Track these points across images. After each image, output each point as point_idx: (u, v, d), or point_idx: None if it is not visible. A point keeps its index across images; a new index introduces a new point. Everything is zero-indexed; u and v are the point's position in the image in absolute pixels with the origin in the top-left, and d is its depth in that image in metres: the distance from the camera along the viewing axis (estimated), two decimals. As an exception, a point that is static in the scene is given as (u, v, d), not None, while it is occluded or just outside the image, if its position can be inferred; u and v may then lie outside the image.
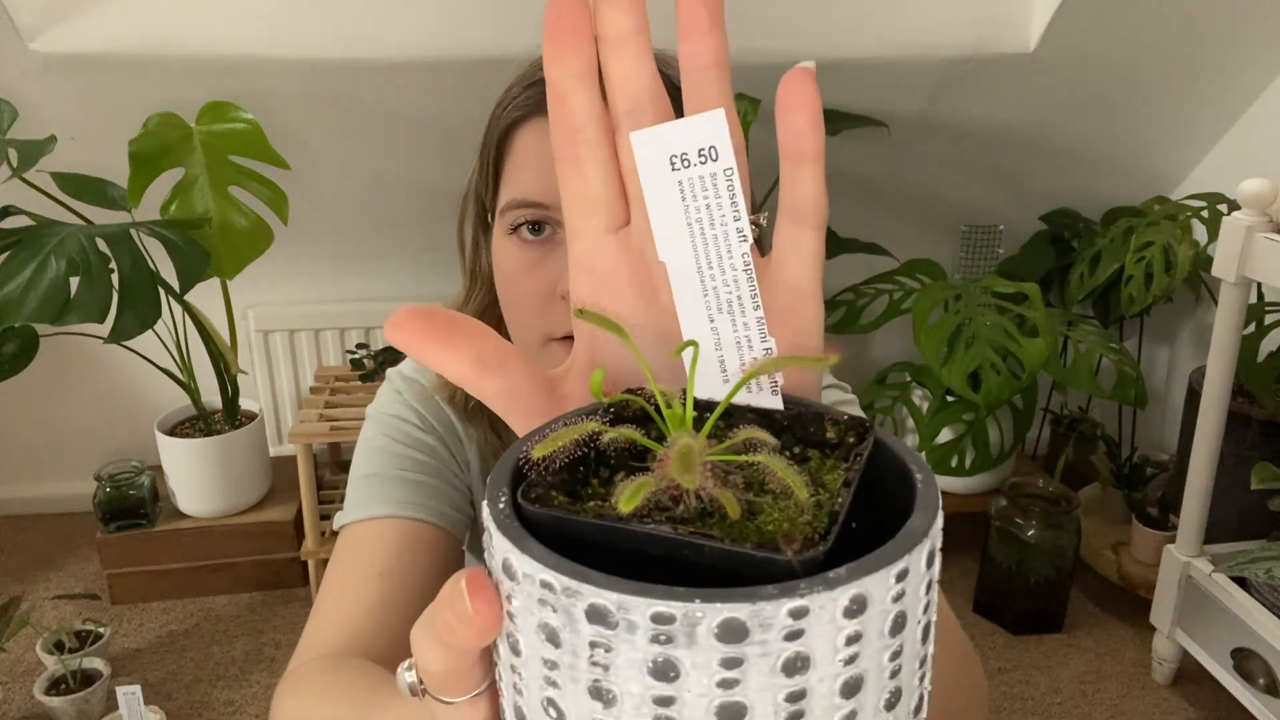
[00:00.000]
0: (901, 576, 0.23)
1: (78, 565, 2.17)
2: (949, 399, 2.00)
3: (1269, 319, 1.85)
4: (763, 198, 1.86)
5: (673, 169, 0.27)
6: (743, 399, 0.29)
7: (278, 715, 0.60)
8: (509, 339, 0.68)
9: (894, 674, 0.23)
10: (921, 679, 0.25)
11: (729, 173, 0.27)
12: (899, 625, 0.23)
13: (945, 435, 2.04)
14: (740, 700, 0.22)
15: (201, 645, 1.91)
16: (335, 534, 1.70)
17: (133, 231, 1.69)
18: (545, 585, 0.22)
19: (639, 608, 0.21)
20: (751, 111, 1.79)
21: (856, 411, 0.75)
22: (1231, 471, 1.80)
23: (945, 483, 2.16)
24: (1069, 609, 2.01)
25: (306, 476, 1.92)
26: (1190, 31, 1.88)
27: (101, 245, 1.62)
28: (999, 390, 1.79)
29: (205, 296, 1.92)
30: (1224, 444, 1.64)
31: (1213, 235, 1.94)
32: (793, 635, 0.21)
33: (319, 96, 1.82)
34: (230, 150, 1.79)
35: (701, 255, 0.28)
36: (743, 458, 0.26)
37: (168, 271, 1.73)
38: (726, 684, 0.21)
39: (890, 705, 0.24)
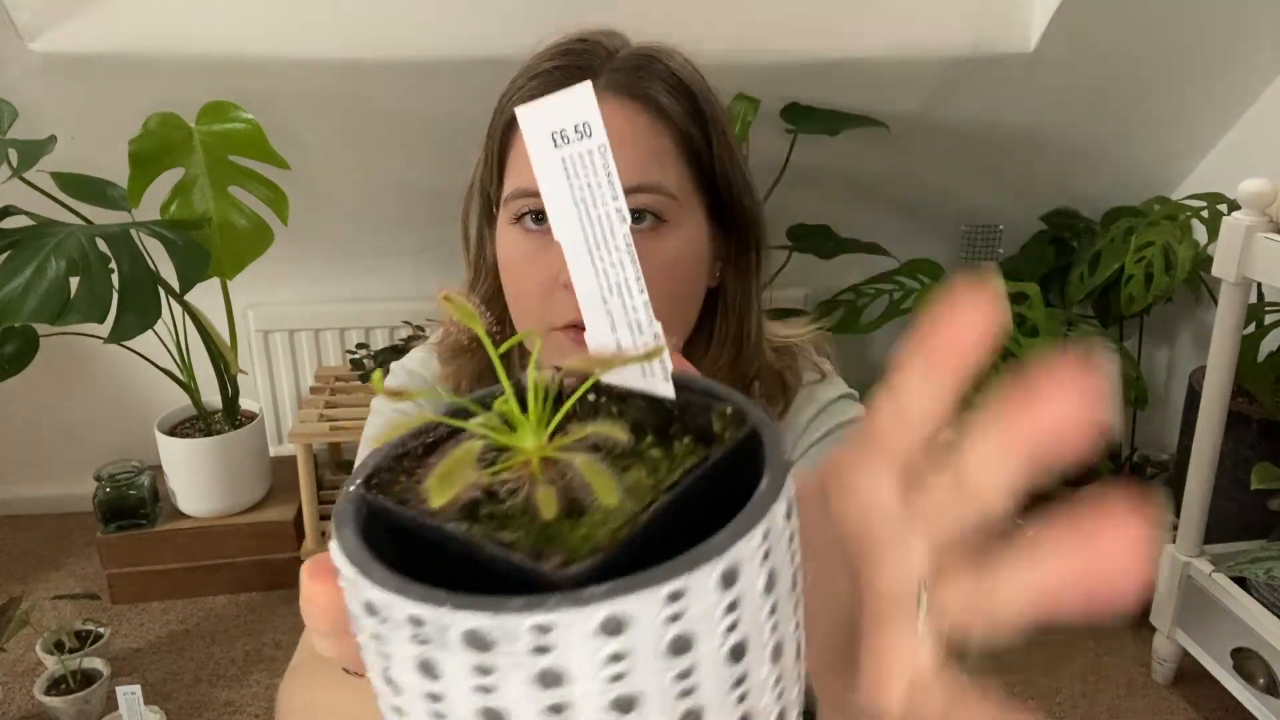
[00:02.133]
0: (676, 597, 0.21)
1: (78, 565, 2.17)
2: (949, 399, 2.00)
3: (1269, 319, 1.85)
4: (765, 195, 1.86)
5: (554, 145, 0.27)
6: (638, 384, 0.28)
7: (289, 707, 0.58)
8: (513, 330, 0.68)
9: (685, 693, 0.22)
10: (741, 699, 0.23)
11: (603, 149, 0.27)
12: (681, 645, 0.21)
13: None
14: (498, 706, 0.21)
15: (201, 645, 1.91)
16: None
17: (133, 231, 1.69)
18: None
19: (398, 607, 0.21)
20: (751, 111, 1.79)
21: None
22: (1231, 471, 1.80)
23: (945, 483, 2.16)
24: (1069, 609, 2.01)
25: (306, 476, 1.92)
26: (1190, 31, 1.88)
27: (101, 245, 1.62)
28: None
29: (205, 296, 1.92)
30: (1224, 444, 1.64)
31: (1213, 235, 1.94)
32: (540, 649, 0.20)
33: (319, 96, 1.82)
34: (230, 150, 1.79)
35: (590, 234, 0.28)
36: (566, 456, 0.24)
37: (168, 271, 1.73)
38: (484, 689, 0.21)
39: None
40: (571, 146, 0.27)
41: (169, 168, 1.78)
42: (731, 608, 0.22)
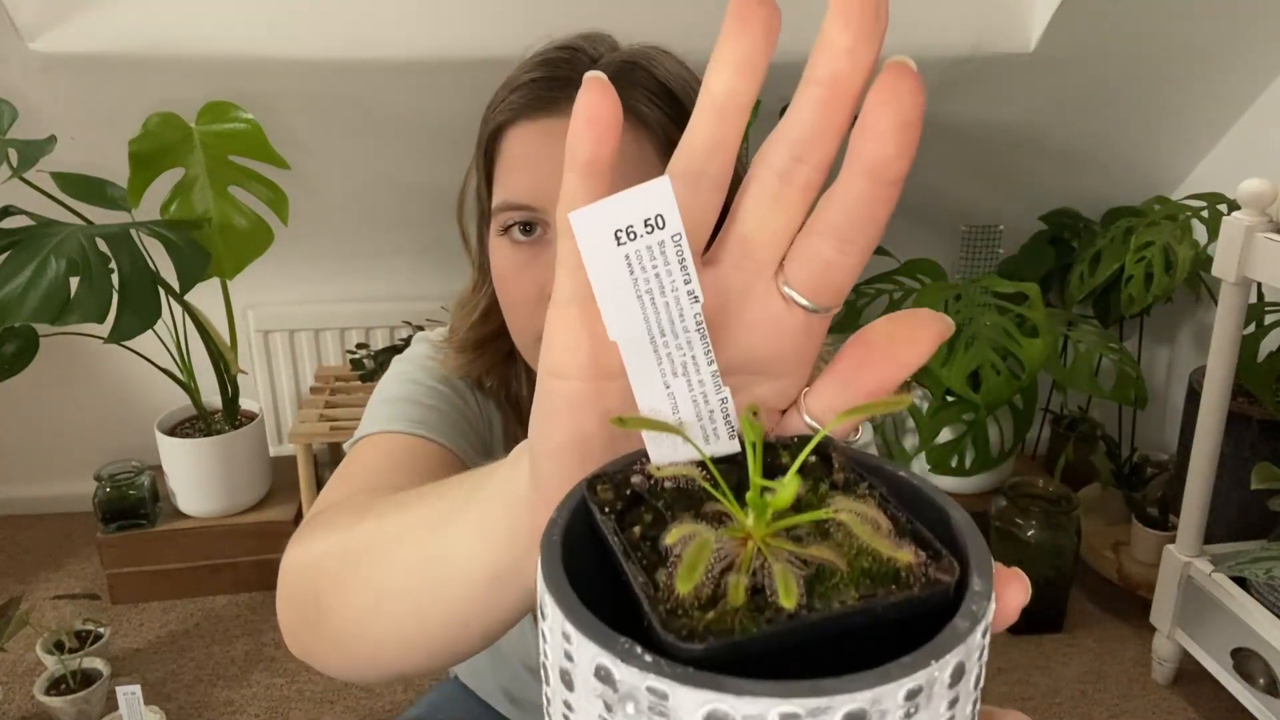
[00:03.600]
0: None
1: (78, 565, 2.17)
2: (949, 399, 2.00)
3: (1269, 319, 1.85)
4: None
5: (618, 244, 0.26)
6: (722, 450, 0.29)
7: (298, 549, 0.52)
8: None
9: None
10: None
11: (677, 238, 0.26)
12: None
13: (945, 435, 2.04)
14: None
15: (201, 645, 1.91)
16: None
17: (133, 231, 1.69)
18: (787, 717, 0.20)
19: (892, 694, 0.21)
20: (751, 111, 1.79)
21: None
22: (1231, 471, 1.80)
23: (945, 483, 2.16)
24: (1069, 609, 2.01)
25: (306, 476, 1.92)
26: (1190, 32, 1.88)
27: (101, 245, 1.62)
28: (999, 390, 1.79)
29: (205, 296, 1.92)
30: (1224, 444, 1.64)
31: (1213, 235, 1.94)
32: (981, 653, 0.23)
33: (319, 96, 1.82)
34: (230, 150, 1.79)
35: (653, 324, 0.28)
36: (812, 516, 0.26)
37: (168, 271, 1.73)
38: None
39: None
40: (639, 241, 0.26)
41: (169, 168, 1.78)
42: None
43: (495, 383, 0.76)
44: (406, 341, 2.07)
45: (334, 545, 0.47)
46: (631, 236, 0.26)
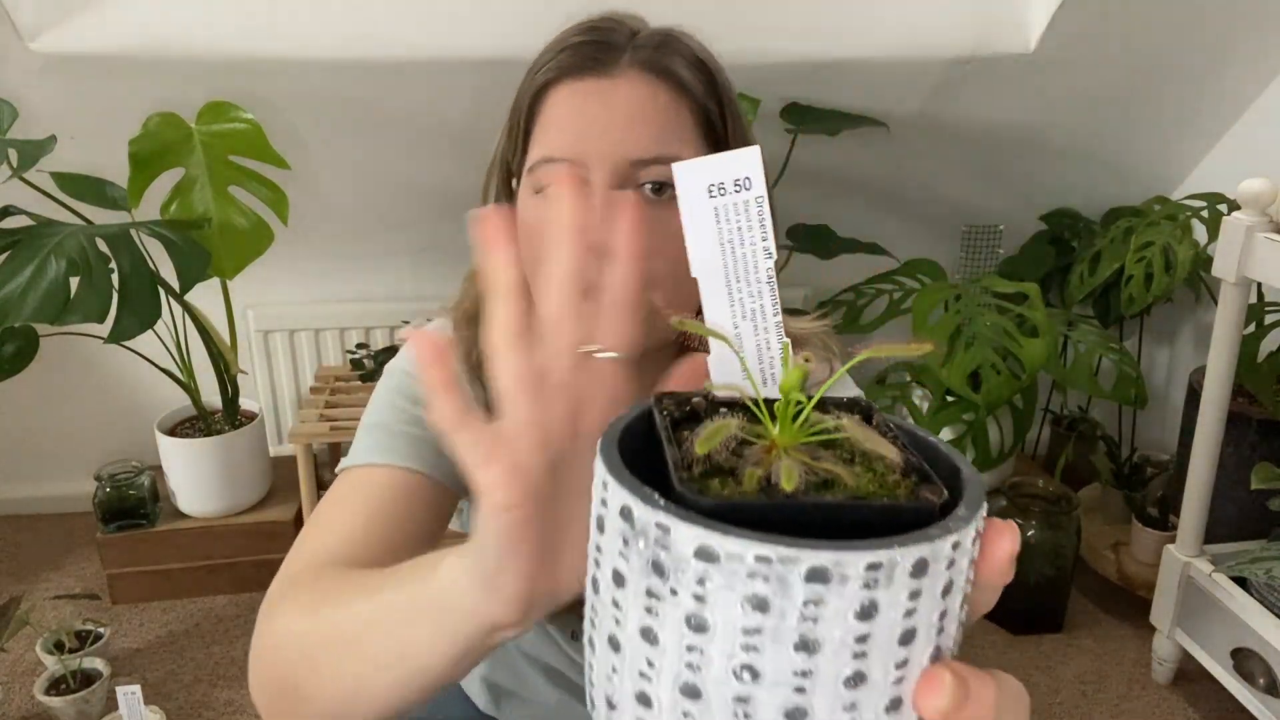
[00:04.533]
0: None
1: (78, 565, 2.17)
2: (949, 399, 2.00)
3: (1269, 319, 1.85)
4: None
5: (710, 196, 0.32)
6: (773, 394, 0.34)
7: (271, 628, 0.54)
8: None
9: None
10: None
11: (760, 200, 0.32)
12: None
13: (945, 435, 2.03)
14: (913, 625, 0.26)
15: (201, 645, 1.91)
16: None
17: (133, 231, 1.69)
18: (760, 559, 0.25)
19: (853, 562, 0.25)
20: (751, 111, 1.79)
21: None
22: (1231, 471, 1.80)
23: (945, 483, 2.16)
24: (1069, 609, 2.01)
25: (306, 476, 1.92)
26: (1190, 31, 1.88)
27: (101, 245, 1.62)
28: (999, 390, 1.79)
29: (205, 296, 1.92)
30: (1224, 444, 1.64)
31: (1213, 235, 1.94)
32: (951, 564, 0.26)
33: (319, 96, 1.82)
34: (230, 150, 1.79)
35: (731, 271, 0.33)
36: (827, 436, 0.31)
37: (168, 271, 1.73)
38: (909, 613, 0.26)
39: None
40: (728, 197, 0.32)
41: (169, 168, 1.78)
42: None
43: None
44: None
45: (302, 631, 0.51)
46: (722, 192, 0.32)
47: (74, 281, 1.57)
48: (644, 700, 0.27)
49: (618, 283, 0.36)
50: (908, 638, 0.26)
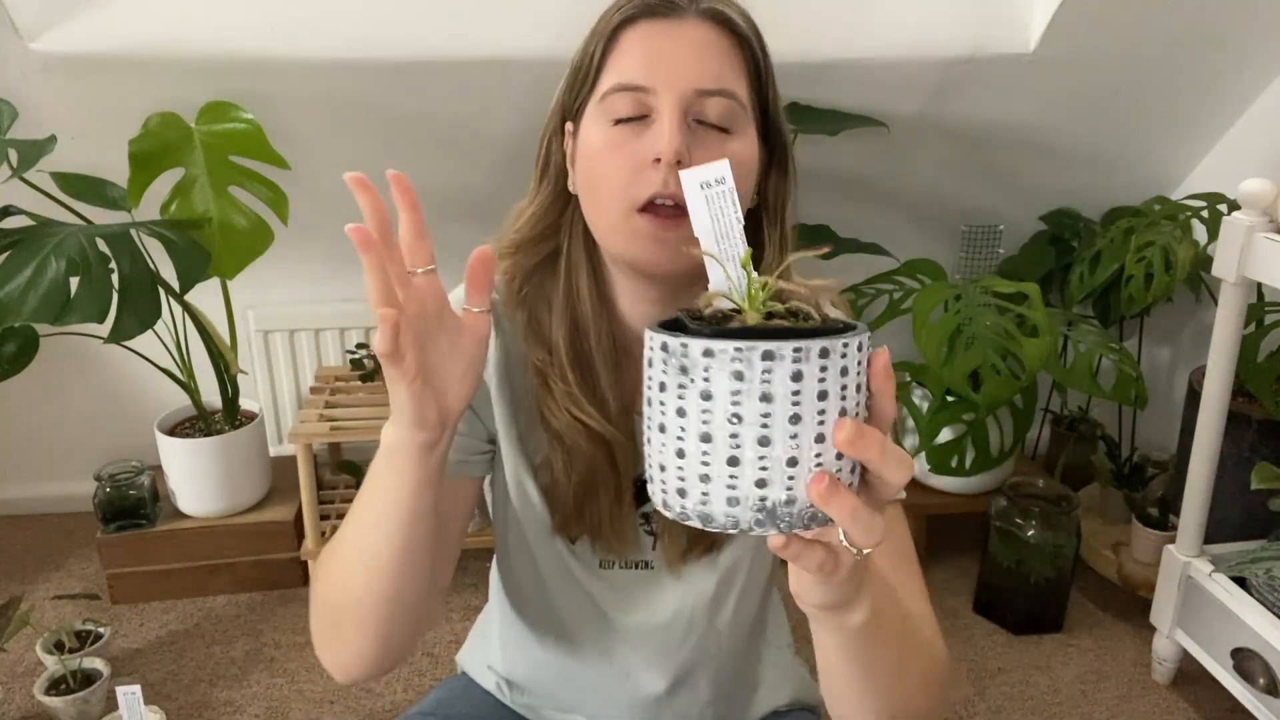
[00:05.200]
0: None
1: (78, 565, 2.17)
2: (949, 399, 2.00)
3: (1269, 319, 1.85)
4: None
5: (702, 189, 0.53)
6: (731, 301, 0.52)
7: (312, 586, 0.78)
8: (567, 231, 0.81)
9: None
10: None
11: (731, 191, 0.53)
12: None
13: (945, 435, 2.04)
14: (825, 388, 0.45)
15: (201, 645, 1.91)
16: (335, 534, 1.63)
17: (133, 231, 1.69)
18: (736, 350, 0.44)
19: (784, 348, 0.44)
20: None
21: None
22: (1231, 471, 1.80)
23: (945, 483, 2.16)
24: (1069, 609, 2.01)
25: (306, 476, 1.92)
26: (1190, 31, 1.88)
27: (101, 245, 1.62)
28: (999, 390, 1.79)
29: (205, 296, 1.92)
30: (1224, 444, 1.64)
31: (1213, 235, 1.94)
32: (843, 355, 0.45)
33: (319, 96, 1.82)
34: (230, 150, 1.79)
35: (719, 231, 0.53)
36: (775, 308, 0.50)
37: (168, 271, 1.73)
38: (821, 380, 0.45)
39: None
40: (713, 189, 0.53)
41: (169, 168, 1.78)
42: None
43: (530, 288, 0.82)
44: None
45: (323, 561, 0.74)
46: (707, 186, 0.52)
47: (74, 281, 1.57)
48: (679, 454, 0.46)
49: (406, 227, 0.61)
50: (823, 396, 0.44)
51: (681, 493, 0.47)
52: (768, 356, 0.43)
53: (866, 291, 2.14)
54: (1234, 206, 1.56)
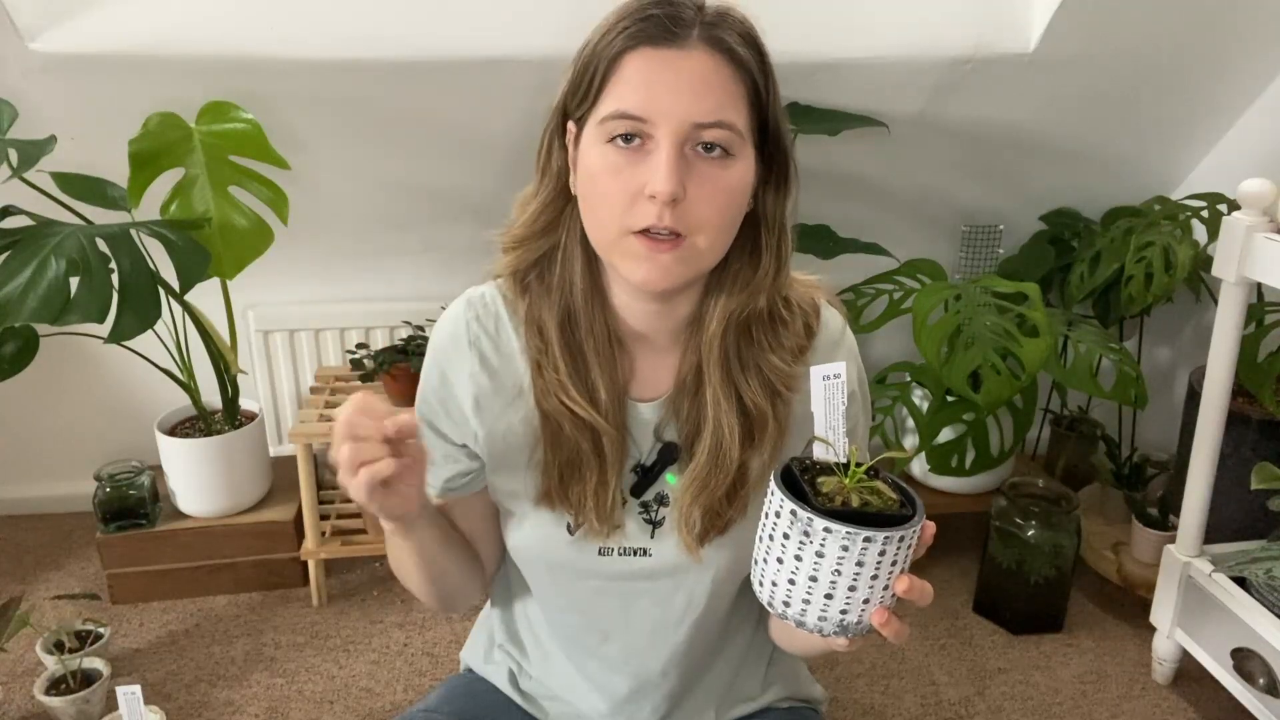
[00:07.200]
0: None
1: (78, 565, 2.17)
2: (949, 399, 2.00)
3: (1269, 319, 1.85)
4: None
5: (824, 380, 0.68)
6: (830, 459, 0.71)
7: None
8: (572, 236, 0.83)
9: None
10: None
11: (843, 382, 0.67)
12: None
13: (945, 435, 2.04)
14: (895, 558, 0.65)
15: (201, 645, 1.91)
16: (335, 534, 1.86)
17: (133, 231, 1.69)
18: (847, 534, 0.63)
19: (877, 535, 0.63)
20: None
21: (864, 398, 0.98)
22: (1231, 471, 1.80)
23: (945, 483, 2.16)
24: (1069, 609, 2.01)
25: (306, 476, 1.92)
26: (1190, 32, 1.88)
27: (101, 245, 1.62)
28: (999, 390, 1.80)
29: (205, 296, 1.92)
30: (1224, 444, 1.64)
31: (1213, 235, 1.94)
32: (904, 540, 0.64)
33: (319, 96, 1.82)
34: (230, 150, 1.79)
35: (829, 410, 0.69)
36: (866, 484, 0.69)
37: (168, 271, 1.73)
38: (895, 553, 0.64)
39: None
40: (830, 381, 0.68)
41: (169, 168, 1.78)
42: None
43: (533, 278, 0.85)
44: (406, 341, 2.07)
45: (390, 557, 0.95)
46: (827, 379, 0.68)
47: (74, 281, 1.57)
48: (791, 581, 0.65)
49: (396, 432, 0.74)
50: (894, 563, 0.65)
51: (786, 604, 0.66)
52: (868, 540, 0.62)
53: (866, 291, 2.14)
54: (1234, 206, 1.56)
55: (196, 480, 1.98)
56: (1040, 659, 1.92)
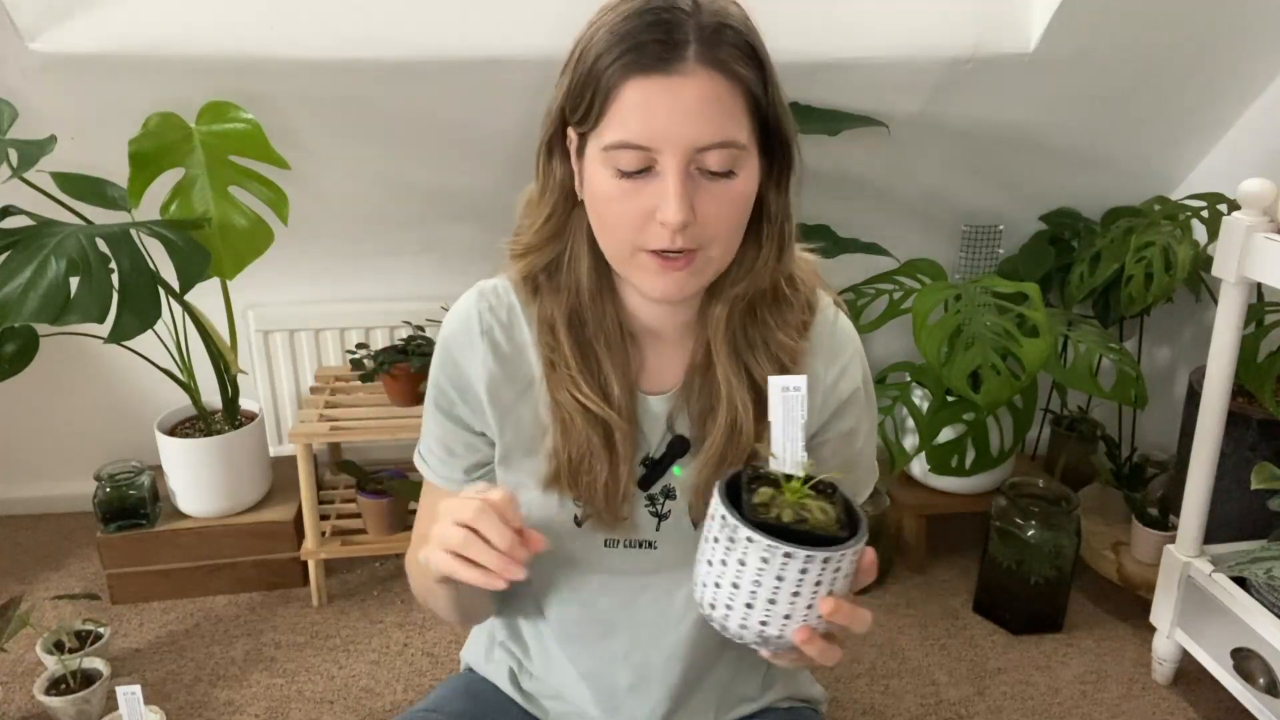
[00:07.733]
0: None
1: (78, 565, 2.17)
2: (949, 399, 2.00)
3: (1269, 319, 1.85)
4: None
5: (783, 391, 0.68)
6: (787, 469, 0.70)
7: (409, 568, 0.99)
8: (577, 246, 0.84)
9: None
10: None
11: (804, 396, 0.68)
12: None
13: (945, 435, 2.04)
14: (825, 579, 0.65)
15: (201, 645, 1.91)
16: (335, 534, 1.85)
17: (133, 231, 1.69)
18: (768, 546, 0.63)
19: (802, 553, 0.63)
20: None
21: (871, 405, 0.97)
22: (1231, 471, 1.80)
23: (945, 483, 2.16)
24: (1069, 609, 2.01)
25: (306, 476, 1.92)
26: (1190, 31, 1.88)
27: (101, 245, 1.62)
28: (999, 390, 1.79)
29: (205, 296, 1.92)
30: (1224, 444, 1.64)
31: (1213, 235, 1.94)
32: (840, 561, 0.65)
33: (319, 96, 1.82)
34: (230, 150, 1.79)
35: (787, 420, 0.69)
36: (809, 497, 0.69)
37: (168, 271, 1.73)
38: (822, 574, 0.65)
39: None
40: (789, 393, 0.68)
41: (169, 168, 1.78)
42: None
43: (543, 279, 0.86)
44: (406, 341, 2.07)
45: (411, 573, 1.00)
46: (786, 390, 0.68)
47: (74, 281, 1.57)
48: (717, 585, 0.66)
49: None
50: (818, 584, 0.64)
51: (713, 606, 0.67)
52: (788, 556, 0.62)
53: (866, 291, 2.14)
54: (1234, 206, 1.56)
55: (196, 480, 1.98)
56: (1040, 659, 1.92)
